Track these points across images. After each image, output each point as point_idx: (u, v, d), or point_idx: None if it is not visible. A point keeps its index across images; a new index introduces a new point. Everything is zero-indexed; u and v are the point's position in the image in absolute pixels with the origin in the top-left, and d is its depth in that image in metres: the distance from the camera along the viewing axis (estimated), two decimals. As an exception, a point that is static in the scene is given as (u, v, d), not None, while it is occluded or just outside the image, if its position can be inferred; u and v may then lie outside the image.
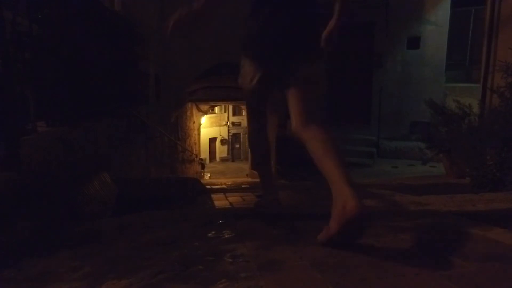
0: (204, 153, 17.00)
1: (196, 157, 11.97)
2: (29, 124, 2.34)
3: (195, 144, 12.39)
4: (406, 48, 8.43)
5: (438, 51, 8.21)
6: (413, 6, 8.28)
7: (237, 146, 29.39)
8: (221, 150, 29.11)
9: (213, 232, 1.76)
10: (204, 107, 14.48)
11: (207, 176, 12.50)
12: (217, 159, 28.30)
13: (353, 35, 8.64)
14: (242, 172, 12.49)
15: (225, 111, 28.69)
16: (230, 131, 29.37)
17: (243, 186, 6.73)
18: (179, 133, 8.96)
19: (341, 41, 1.58)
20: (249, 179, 10.31)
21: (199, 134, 13.61)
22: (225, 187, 6.83)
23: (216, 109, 23.38)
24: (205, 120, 16.80)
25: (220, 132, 28.94)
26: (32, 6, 2.44)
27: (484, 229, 1.69)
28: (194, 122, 12.28)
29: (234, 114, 28.91)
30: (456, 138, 4.36)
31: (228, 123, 29.32)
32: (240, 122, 27.65)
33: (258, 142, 1.97)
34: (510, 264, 1.29)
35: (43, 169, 2.22)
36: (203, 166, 12.71)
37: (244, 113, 19.77)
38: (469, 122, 4.45)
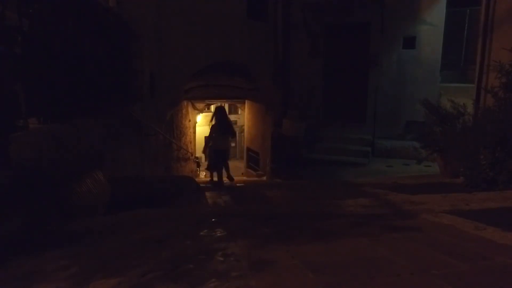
0: (200, 151, 16.93)
1: (192, 155, 11.92)
2: (20, 120, 2.30)
3: (191, 142, 12.34)
4: (401, 47, 8.43)
5: (434, 51, 8.22)
6: (409, 6, 8.28)
7: (233, 144, 29.24)
8: (216, 149, 28.87)
9: (205, 231, 1.74)
10: (200, 105, 14.42)
11: (202, 174, 12.43)
12: (213, 157, 28.08)
13: (349, 35, 8.64)
14: (237, 171, 12.41)
15: (221, 110, 28.49)
16: (226, 129, 29.18)
17: (238, 184, 6.72)
18: (174, 131, 8.91)
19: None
20: (245, 178, 10.29)
21: (194, 132, 13.55)
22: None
23: (212, 107, 23.29)
24: (200, 118, 16.72)
25: (216, 130, 28.69)
26: (23, 1, 2.39)
27: (477, 228, 1.69)
28: (189, 120, 12.22)
29: (229, 113, 28.70)
30: (450, 138, 4.36)
31: (224, 121, 29.11)
32: (236, 120, 27.48)
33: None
34: (502, 263, 1.29)
35: (34, 166, 2.18)
36: (198, 165, 12.62)
37: (240, 111, 19.75)
38: (463, 122, 4.46)
